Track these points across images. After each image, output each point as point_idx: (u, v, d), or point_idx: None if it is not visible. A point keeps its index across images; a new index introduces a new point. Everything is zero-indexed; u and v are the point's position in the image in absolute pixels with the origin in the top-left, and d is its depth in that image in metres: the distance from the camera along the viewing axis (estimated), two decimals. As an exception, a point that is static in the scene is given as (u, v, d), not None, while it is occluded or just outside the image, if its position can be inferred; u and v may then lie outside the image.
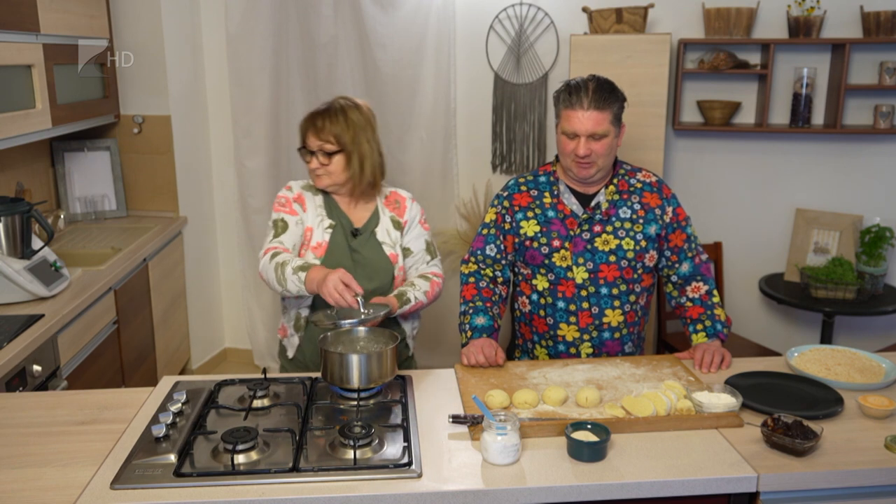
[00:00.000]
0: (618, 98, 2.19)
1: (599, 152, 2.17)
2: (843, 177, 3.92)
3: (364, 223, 2.30)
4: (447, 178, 4.10)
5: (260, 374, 2.06)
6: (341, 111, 2.22)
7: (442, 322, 4.19)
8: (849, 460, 1.66)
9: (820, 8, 3.70)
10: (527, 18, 3.90)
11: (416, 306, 2.25)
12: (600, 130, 2.15)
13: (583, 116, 2.14)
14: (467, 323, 2.26)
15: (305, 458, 1.65)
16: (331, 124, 2.21)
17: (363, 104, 2.29)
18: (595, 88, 2.16)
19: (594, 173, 2.21)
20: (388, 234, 2.31)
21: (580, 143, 2.15)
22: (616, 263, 2.24)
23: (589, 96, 2.14)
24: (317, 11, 3.89)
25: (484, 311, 2.27)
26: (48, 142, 3.72)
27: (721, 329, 2.27)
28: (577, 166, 2.20)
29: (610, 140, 2.18)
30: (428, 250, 2.37)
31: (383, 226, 2.31)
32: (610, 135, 2.17)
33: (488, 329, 2.24)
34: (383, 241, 2.29)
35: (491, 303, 2.30)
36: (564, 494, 1.58)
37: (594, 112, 2.14)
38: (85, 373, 2.75)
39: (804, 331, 4.09)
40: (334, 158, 2.22)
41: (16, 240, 2.67)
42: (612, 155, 2.23)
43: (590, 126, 2.14)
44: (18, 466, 1.63)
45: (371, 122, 2.27)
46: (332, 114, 2.22)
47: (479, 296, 2.30)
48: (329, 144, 2.21)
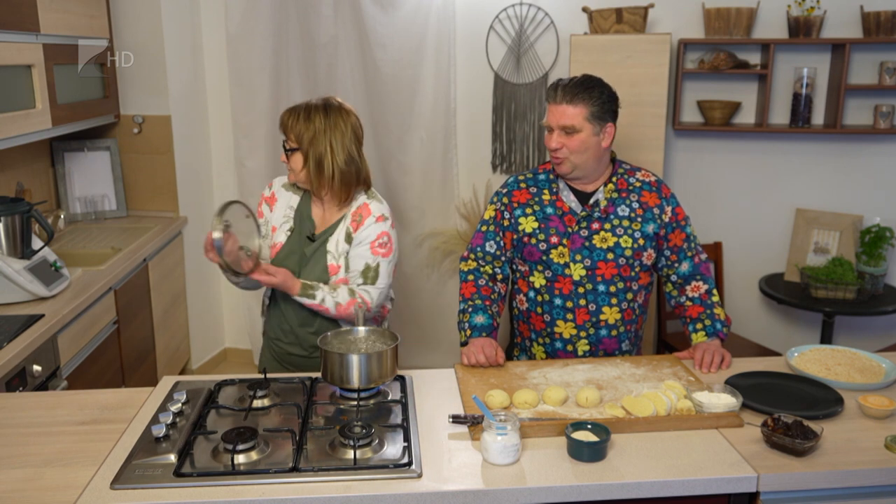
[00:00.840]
0: (595, 96, 2.17)
1: (571, 147, 2.18)
2: (843, 177, 3.92)
3: (323, 230, 2.29)
4: (447, 178, 4.10)
5: (260, 374, 2.06)
6: (307, 111, 2.22)
7: (442, 322, 4.20)
8: (849, 460, 1.66)
9: (820, 8, 3.70)
10: (527, 18, 3.90)
11: (322, 308, 2.20)
12: (569, 124, 2.16)
13: (555, 109, 2.19)
14: (466, 321, 2.27)
15: (305, 458, 1.65)
16: (294, 122, 2.22)
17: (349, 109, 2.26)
18: (572, 83, 2.18)
19: (569, 170, 2.22)
20: (336, 245, 2.26)
21: (553, 135, 2.19)
22: (614, 261, 2.24)
23: (563, 91, 2.18)
24: (317, 11, 3.89)
25: (483, 310, 2.27)
26: (48, 142, 3.72)
27: (721, 328, 2.27)
28: (552, 161, 2.25)
29: (584, 137, 2.17)
30: (364, 274, 2.24)
31: (337, 236, 2.27)
32: (584, 131, 2.17)
33: (487, 328, 2.24)
34: (330, 250, 2.26)
35: (490, 301, 2.30)
36: (564, 494, 1.58)
37: (565, 105, 2.17)
38: (85, 373, 2.75)
39: (804, 331, 4.09)
40: (293, 156, 2.24)
41: (16, 240, 2.67)
42: (591, 153, 2.21)
43: (560, 119, 2.17)
44: (18, 466, 1.63)
45: (342, 127, 2.22)
46: (297, 112, 2.23)
47: (478, 294, 2.31)
48: (290, 142, 2.24)
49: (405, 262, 4.18)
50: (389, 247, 2.27)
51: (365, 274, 2.24)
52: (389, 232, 2.27)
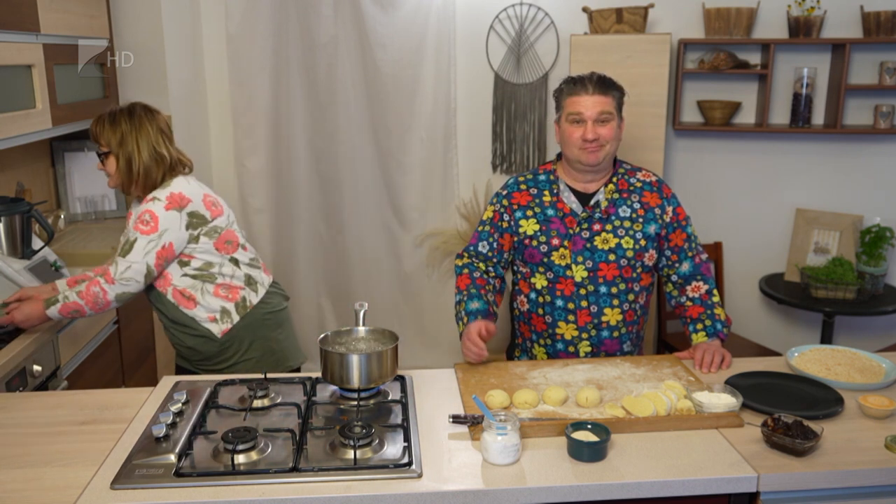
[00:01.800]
0: (618, 89, 2.27)
1: (606, 136, 2.22)
2: (843, 177, 3.92)
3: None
4: (447, 178, 4.10)
5: (260, 374, 2.06)
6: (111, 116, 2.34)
7: (442, 322, 4.20)
8: (849, 460, 1.66)
9: (820, 8, 3.70)
10: (527, 18, 3.90)
11: (68, 307, 2.22)
12: (608, 110, 2.22)
13: (588, 100, 2.22)
14: (463, 310, 2.26)
15: (305, 458, 1.65)
16: (101, 129, 2.32)
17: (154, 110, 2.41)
18: (598, 77, 2.26)
19: (602, 159, 2.24)
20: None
21: (587, 127, 2.21)
22: (615, 262, 2.24)
23: (593, 82, 2.24)
24: (317, 11, 3.89)
25: (478, 297, 2.27)
26: (48, 142, 3.72)
27: (721, 329, 2.27)
28: (585, 153, 2.23)
29: (614, 126, 2.24)
30: (120, 248, 2.25)
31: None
32: (614, 120, 2.24)
33: (483, 311, 2.24)
34: None
35: (485, 290, 2.30)
36: (564, 494, 1.58)
37: (599, 96, 2.22)
38: (85, 373, 2.75)
39: (804, 331, 4.09)
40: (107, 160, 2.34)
41: (16, 240, 2.67)
42: (618, 144, 2.28)
43: (597, 107, 2.22)
44: (18, 466, 1.63)
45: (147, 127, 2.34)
46: (103, 120, 2.34)
47: (472, 284, 2.31)
48: (102, 147, 2.34)
49: (405, 261, 4.18)
50: (153, 225, 2.21)
51: (122, 248, 2.24)
52: (154, 210, 2.23)
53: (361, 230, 4.17)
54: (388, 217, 4.15)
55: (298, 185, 4.14)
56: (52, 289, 2.43)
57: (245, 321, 2.37)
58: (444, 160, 4.07)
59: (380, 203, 4.14)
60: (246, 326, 2.38)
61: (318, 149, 4.10)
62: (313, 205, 4.18)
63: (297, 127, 4.07)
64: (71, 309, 2.23)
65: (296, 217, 4.19)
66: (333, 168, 4.10)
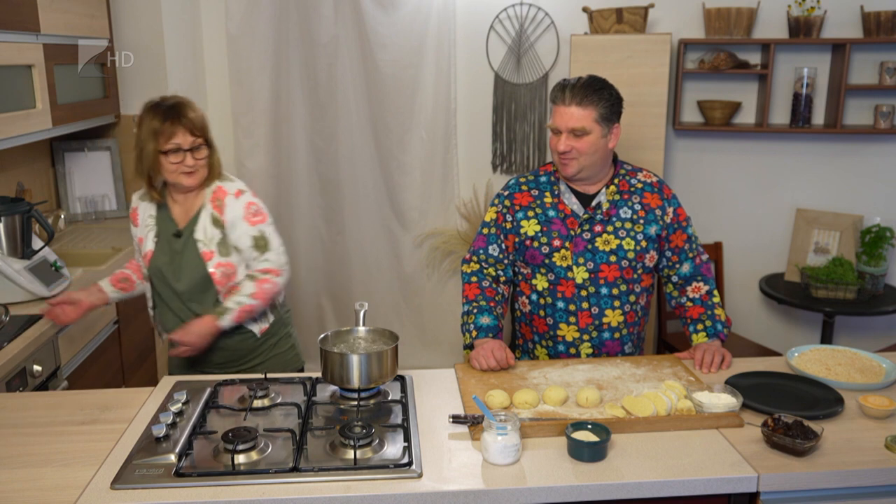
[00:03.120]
0: (604, 97, 2.17)
1: (581, 150, 2.17)
2: (843, 177, 3.92)
3: (187, 222, 2.30)
4: (447, 178, 4.10)
5: (260, 374, 2.06)
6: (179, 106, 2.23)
7: (442, 322, 4.20)
8: (849, 460, 1.66)
9: (820, 8, 3.70)
10: (527, 18, 3.90)
11: (245, 310, 2.21)
12: (579, 126, 2.15)
13: (564, 112, 2.16)
14: (472, 323, 2.25)
15: (305, 458, 1.65)
16: (182, 119, 2.20)
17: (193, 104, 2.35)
18: (580, 85, 2.17)
19: (576, 171, 2.21)
20: (204, 232, 2.26)
21: (561, 138, 2.18)
22: (616, 263, 2.24)
23: (574, 92, 2.16)
24: (317, 11, 3.89)
25: (488, 311, 2.26)
26: (48, 142, 3.72)
27: (721, 329, 2.27)
28: (560, 163, 2.22)
29: (594, 139, 2.17)
30: (256, 246, 2.27)
31: (202, 223, 2.27)
32: (593, 133, 2.16)
33: (493, 328, 2.24)
34: (199, 238, 2.26)
35: (494, 302, 2.29)
36: (565, 494, 1.58)
37: (575, 108, 2.15)
38: (85, 373, 2.75)
39: (804, 331, 4.09)
40: (199, 151, 2.25)
41: (16, 240, 2.67)
42: (599, 155, 2.21)
43: (570, 121, 2.15)
44: (18, 466, 1.63)
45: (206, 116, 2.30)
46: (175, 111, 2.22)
47: (482, 295, 2.30)
48: (195, 139, 2.22)
49: (405, 261, 4.18)
50: (263, 213, 2.30)
51: (257, 245, 2.26)
52: (254, 200, 2.30)
53: (361, 230, 4.17)
54: (389, 217, 4.16)
55: (298, 185, 4.14)
56: (98, 290, 2.39)
57: (276, 317, 2.41)
58: (444, 160, 4.07)
59: (380, 203, 4.14)
60: (275, 323, 2.41)
61: (318, 149, 4.10)
62: (313, 204, 4.18)
63: (297, 127, 4.07)
64: (246, 312, 2.23)
65: (296, 217, 4.19)
66: (333, 168, 4.10)
